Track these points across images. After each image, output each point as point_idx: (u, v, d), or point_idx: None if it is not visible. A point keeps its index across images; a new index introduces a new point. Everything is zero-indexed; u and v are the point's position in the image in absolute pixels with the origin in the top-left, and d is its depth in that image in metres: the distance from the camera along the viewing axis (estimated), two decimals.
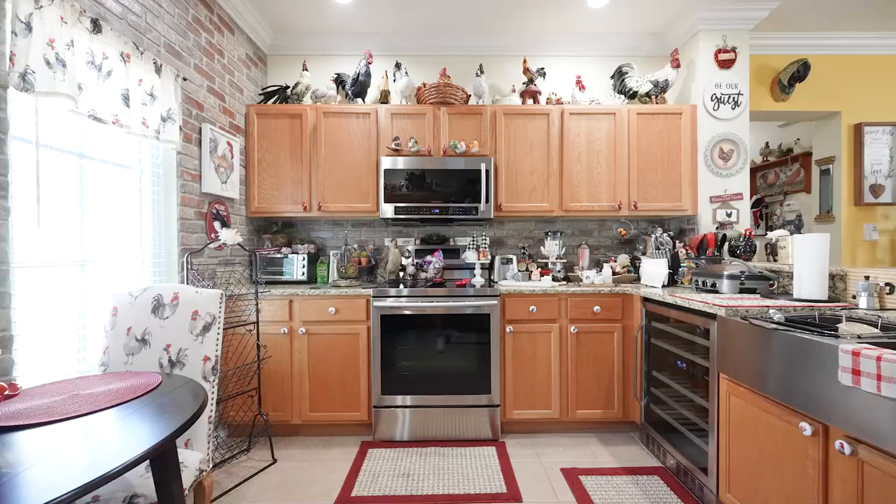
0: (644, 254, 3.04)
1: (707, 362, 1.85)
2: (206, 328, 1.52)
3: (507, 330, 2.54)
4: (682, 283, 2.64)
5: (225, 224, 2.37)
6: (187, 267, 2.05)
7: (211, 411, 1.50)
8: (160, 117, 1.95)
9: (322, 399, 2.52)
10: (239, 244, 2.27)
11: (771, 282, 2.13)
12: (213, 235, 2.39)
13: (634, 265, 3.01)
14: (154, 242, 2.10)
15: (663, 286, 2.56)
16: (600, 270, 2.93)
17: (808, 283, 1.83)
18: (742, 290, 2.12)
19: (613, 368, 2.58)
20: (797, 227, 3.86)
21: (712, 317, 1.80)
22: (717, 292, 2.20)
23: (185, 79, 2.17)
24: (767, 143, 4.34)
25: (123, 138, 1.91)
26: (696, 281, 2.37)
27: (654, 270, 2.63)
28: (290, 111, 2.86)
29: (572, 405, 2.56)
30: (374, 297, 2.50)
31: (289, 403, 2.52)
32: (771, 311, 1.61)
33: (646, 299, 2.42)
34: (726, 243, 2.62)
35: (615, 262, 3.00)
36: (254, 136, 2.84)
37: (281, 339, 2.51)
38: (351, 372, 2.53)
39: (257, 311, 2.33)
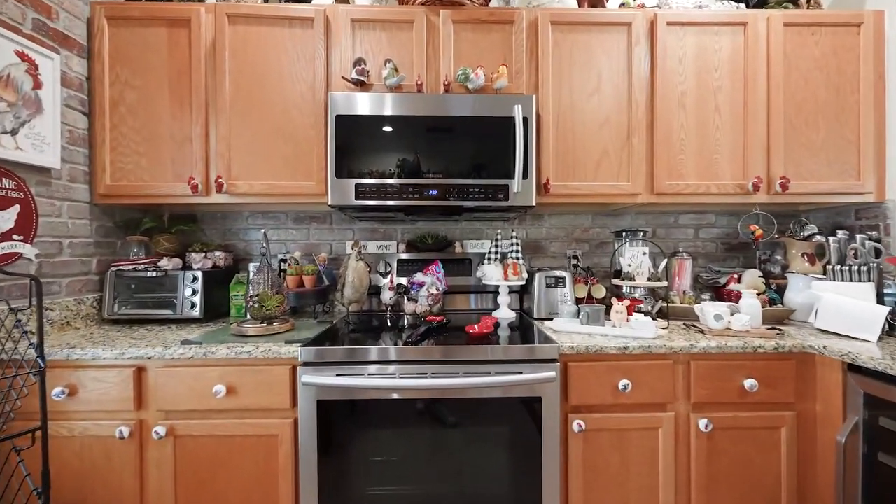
0: (787, 268, 1.79)
1: None
2: None
3: (575, 427, 1.29)
4: None
5: None
6: None
7: None
8: None
9: None
10: None
11: None
12: None
13: (769, 288, 1.77)
14: None
15: (879, 339, 1.31)
16: (717, 297, 1.69)
17: None
18: None
19: (780, 500, 1.32)
20: None
21: None
22: None
23: None
24: None
25: None
26: None
27: (849, 308, 1.38)
28: (170, 12, 1.58)
29: None
30: (304, 364, 1.24)
31: None
32: None
33: (856, 368, 1.17)
34: None
35: (738, 282, 1.75)
36: (103, 58, 1.57)
37: (118, 448, 1.24)
38: None
39: (43, 398, 1.07)
